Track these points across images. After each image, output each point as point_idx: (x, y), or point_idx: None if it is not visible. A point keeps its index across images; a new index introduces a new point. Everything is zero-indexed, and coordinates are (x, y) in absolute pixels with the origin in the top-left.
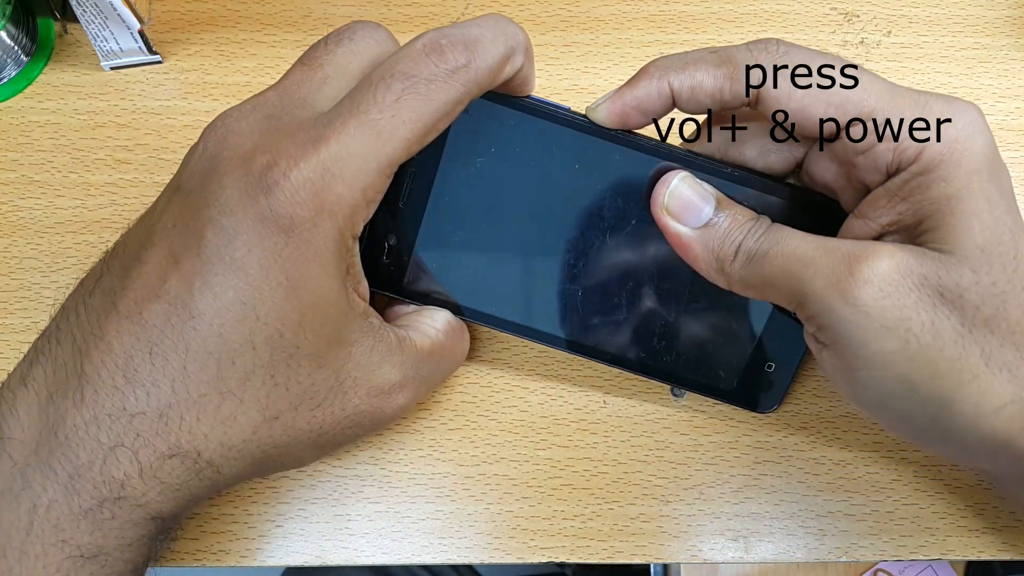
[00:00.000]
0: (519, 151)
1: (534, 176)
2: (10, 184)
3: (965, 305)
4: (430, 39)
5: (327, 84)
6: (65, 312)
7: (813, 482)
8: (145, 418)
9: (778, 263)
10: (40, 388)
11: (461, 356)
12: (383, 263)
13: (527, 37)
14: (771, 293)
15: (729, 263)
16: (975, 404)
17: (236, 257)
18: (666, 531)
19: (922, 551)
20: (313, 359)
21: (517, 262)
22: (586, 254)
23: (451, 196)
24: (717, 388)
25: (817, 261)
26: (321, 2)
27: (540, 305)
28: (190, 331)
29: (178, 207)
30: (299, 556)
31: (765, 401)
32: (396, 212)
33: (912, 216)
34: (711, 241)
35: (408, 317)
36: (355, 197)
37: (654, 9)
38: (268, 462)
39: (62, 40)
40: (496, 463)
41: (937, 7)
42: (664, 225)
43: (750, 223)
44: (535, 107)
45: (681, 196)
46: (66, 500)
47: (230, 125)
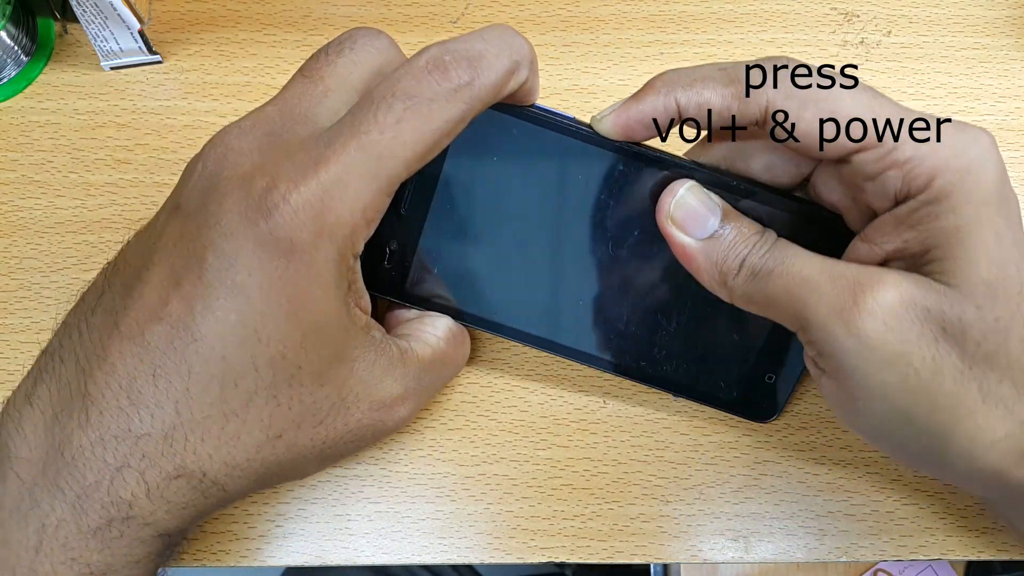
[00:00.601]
0: (522, 159)
1: (537, 184)
2: (10, 184)
3: (967, 341)
4: (433, 55)
5: (328, 97)
6: (67, 329)
7: (813, 482)
8: (151, 440)
9: (782, 284)
10: (45, 407)
11: (462, 361)
12: (384, 268)
13: (532, 49)
14: (773, 312)
15: (732, 277)
16: (971, 439)
17: (237, 281)
18: (666, 531)
19: (922, 551)
20: (315, 378)
21: (518, 269)
22: (588, 262)
23: (453, 203)
24: (716, 398)
25: (822, 286)
26: (321, 2)
27: (541, 312)
28: (192, 354)
29: (178, 227)
30: (299, 556)
31: (764, 411)
32: (398, 218)
33: (919, 245)
34: (715, 254)
35: (409, 325)
36: (355, 218)
37: (654, 9)
38: (272, 477)
39: (62, 40)
40: (496, 463)
41: (937, 7)
42: (668, 235)
43: (755, 237)
44: (539, 116)
45: (686, 206)
46: (74, 519)
47: (230, 143)
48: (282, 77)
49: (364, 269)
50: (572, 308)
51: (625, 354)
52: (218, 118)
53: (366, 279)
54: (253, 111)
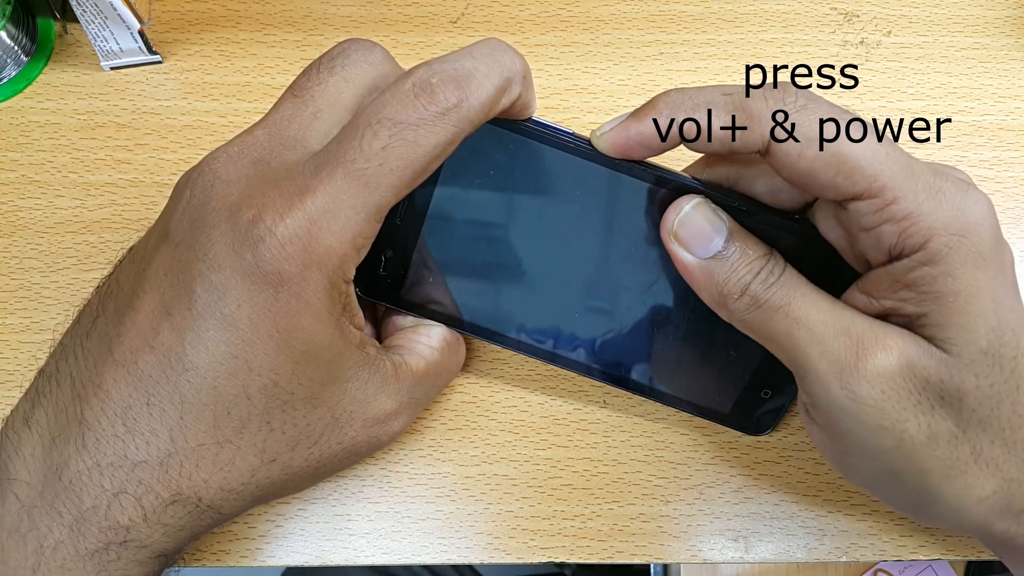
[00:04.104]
0: (518, 172)
1: (533, 196)
2: (10, 184)
3: (963, 408)
4: (420, 77)
5: (318, 119)
6: (64, 352)
7: (813, 482)
8: (147, 467)
9: (785, 325)
10: (43, 431)
11: (456, 369)
12: (380, 275)
13: (524, 64)
14: (771, 347)
15: (733, 300)
16: (959, 497)
17: (226, 313)
18: (666, 531)
19: (922, 551)
20: (308, 402)
21: (514, 281)
22: (583, 274)
23: (449, 213)
24: (712, 411)
25: (826, 341)
26: (321, 2)
27: (536, 321)
28: (185, 383)
29: (167, 256)
30: (299, 556)
31: (760, 426)
32: (393, 228)
33: (915, 306)
34: (718, 274)
35: (403, 335)
36: (344, 248)
37: (654, 9)
38: (267, 496)
39: (62, 40)
40: (496, 463)
41: (937, 7)
42: (670, 251)
43: (760, 262)
44: (536, 131)
45: (690, 223)
46: (72, 542)
47: (217, 171)
48: (282, 77)
49: (360, 275)
50: (567, 318)
51: (620, 365)
52: (218, 118)
53: (362, 285)
54: (242, 134)
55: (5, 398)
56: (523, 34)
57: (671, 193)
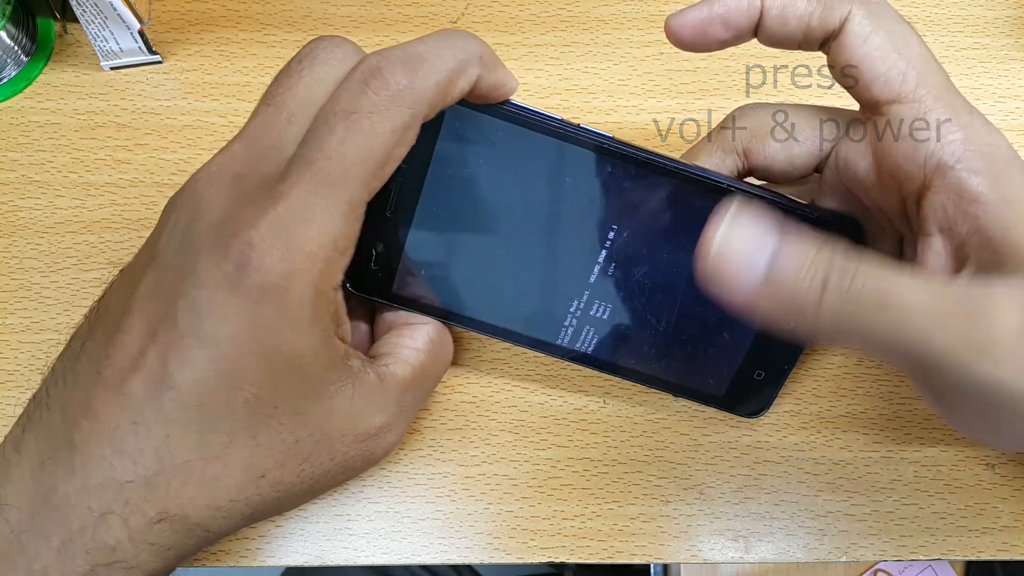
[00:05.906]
0: (506, 159)
1: (522, 183)
2: (10, 184)
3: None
4: (368, 65)
5: (292, 124)
6: (54, 377)
7: (813, 482)
8: (133, 486)
9: (889, 317)
10: (32, 456)
11: (445, 366)
12: (371, 270)
13: (483, 46)
14: (873, 346)
15: (814, 309)
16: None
17: (208, 330)
18: (666, 531)
19: (922, 551)
20: (293, 417)
21: (506, 269)
22: (575, 261)
23: (439, 204)
24: (706, 395)
25: (946, 321)
26: (321, 2)
27: (528, 311)
28: (169, 402)
29: (154, 279)
30: (299, 556)
31: (754, 408)
32: (383, 220)
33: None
34: (783, 289)
35: (387, 342)
36: (325, 251)
37: (654, 9)
38: (258, 515)
39: (62, 40)
40: (496, 463)
41: (937, 7)
42: (717, 298)
43: (828, 253)
44: (519, 116)
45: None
46: (59, 565)
47: (200, 192)
48: None
49: (350, 271)
50: (560, 307)
51: (613, 351)
52: (218, 118)
53: (353, 281)
54: (221, 151)
55: (5, 398)
56: (523, 34)
57: (659, 173)
